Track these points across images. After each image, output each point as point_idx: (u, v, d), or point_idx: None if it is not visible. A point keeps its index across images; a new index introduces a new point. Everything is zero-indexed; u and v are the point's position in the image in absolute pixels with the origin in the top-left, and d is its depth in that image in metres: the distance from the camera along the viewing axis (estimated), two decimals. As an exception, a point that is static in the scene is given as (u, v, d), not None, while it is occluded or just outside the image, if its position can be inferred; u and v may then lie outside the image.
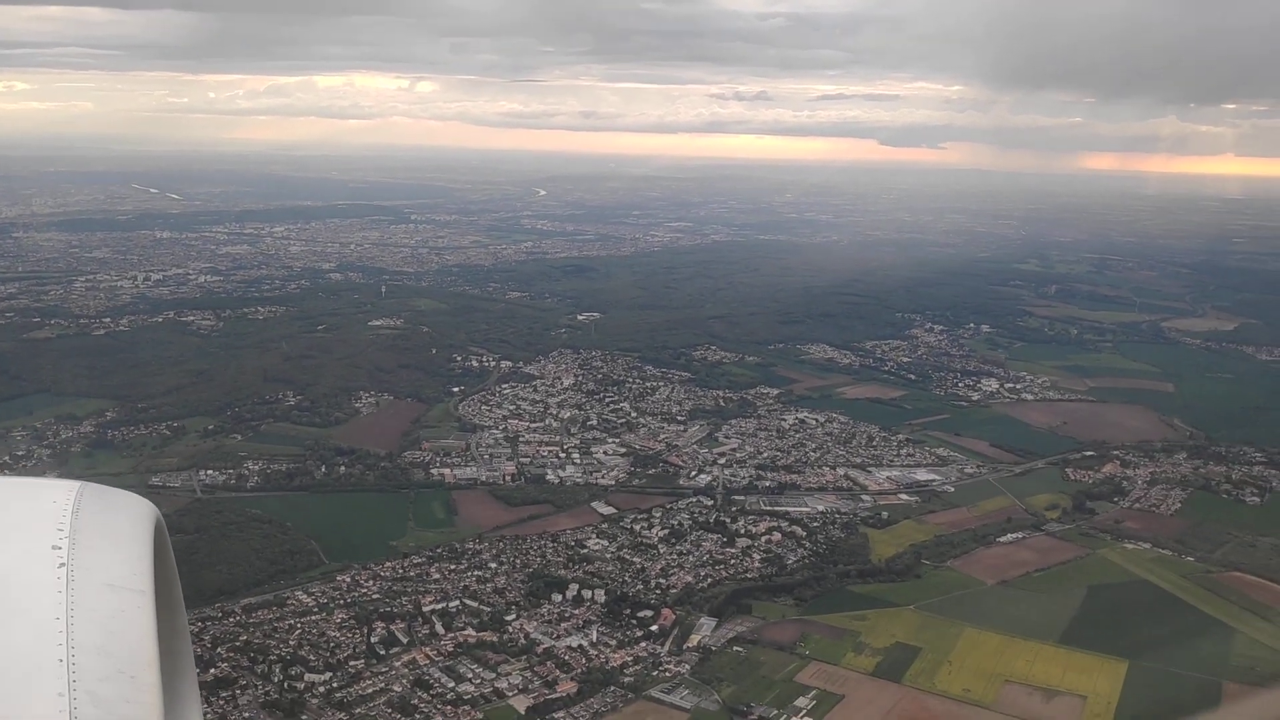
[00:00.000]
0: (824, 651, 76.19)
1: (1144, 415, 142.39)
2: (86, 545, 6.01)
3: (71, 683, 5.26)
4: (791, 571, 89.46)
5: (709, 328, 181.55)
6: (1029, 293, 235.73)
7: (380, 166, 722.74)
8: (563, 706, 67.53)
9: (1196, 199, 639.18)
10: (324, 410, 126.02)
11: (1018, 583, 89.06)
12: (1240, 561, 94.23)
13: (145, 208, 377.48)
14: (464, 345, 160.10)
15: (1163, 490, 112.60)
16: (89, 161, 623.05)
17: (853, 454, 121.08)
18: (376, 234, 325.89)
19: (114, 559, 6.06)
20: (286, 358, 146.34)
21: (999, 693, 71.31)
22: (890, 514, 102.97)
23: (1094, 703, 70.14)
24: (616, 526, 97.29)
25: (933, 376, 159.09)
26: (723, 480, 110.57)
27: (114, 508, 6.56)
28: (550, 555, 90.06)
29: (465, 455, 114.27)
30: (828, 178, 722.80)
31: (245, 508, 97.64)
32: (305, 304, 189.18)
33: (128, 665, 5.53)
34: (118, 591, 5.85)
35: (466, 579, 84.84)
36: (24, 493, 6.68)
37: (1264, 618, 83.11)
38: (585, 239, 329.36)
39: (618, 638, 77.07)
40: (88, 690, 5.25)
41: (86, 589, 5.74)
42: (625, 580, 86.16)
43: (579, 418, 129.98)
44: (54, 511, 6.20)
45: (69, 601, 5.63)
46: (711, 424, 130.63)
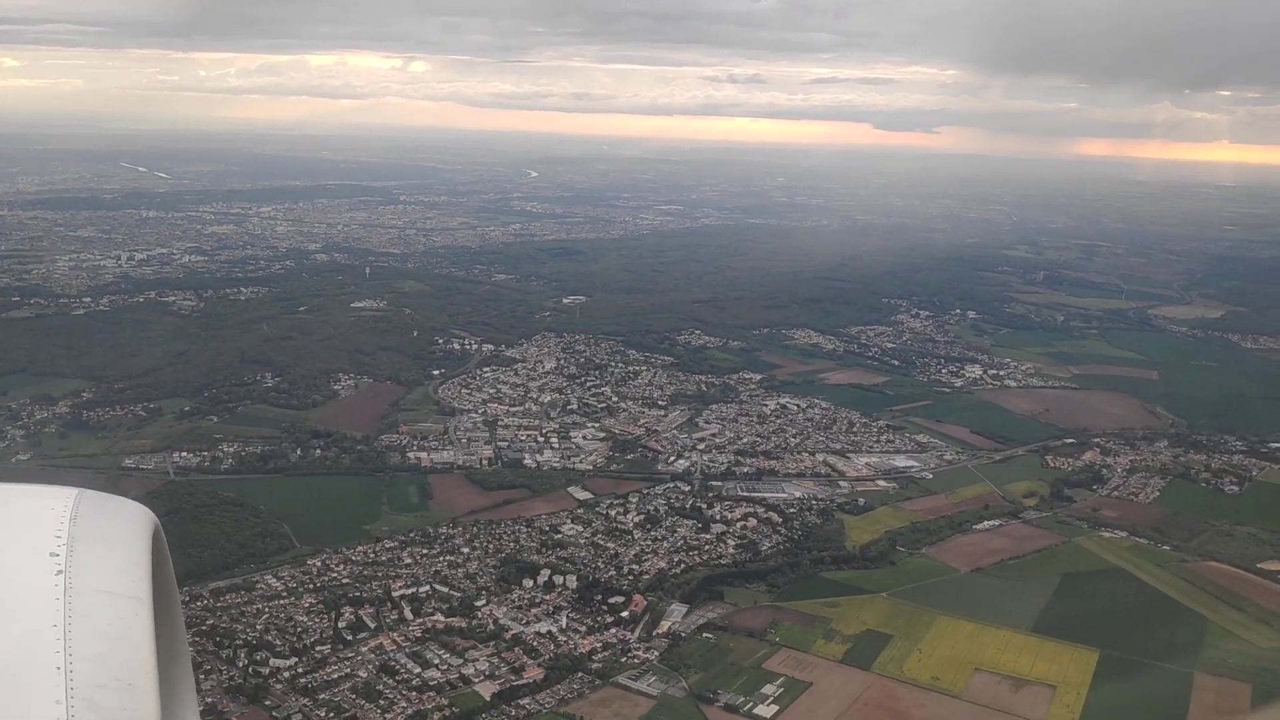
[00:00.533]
0: (794, 638, 75.87)
1: (1127, 403, 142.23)
2: (84, 552, 5.97)
3: (69, 690, 5.22)
4: (765, 558, 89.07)
5: (694, 312, 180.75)
6: (1016, 279, 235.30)
7: (372, 147, 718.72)
8: (529, 693, 67.11)
9: (1189, 186, 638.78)
10: (302, 392, 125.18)
11: (992, 570, 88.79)
12: (1216, 551, 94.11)
13: (132, 186, 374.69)
14: (446, 328, 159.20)
15: (1142, 478, 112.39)
16: (77, 139, 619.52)
17: (833, 440, 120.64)
18: (364, 215, 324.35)
19: (112, 566, 6.02)
20: (266, 339, 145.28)
21: (968, 681, 71.07)
22: (867, 501, 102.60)
23: (1063, 693, 69.91)
24: (592, 512, 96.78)
25: (916, 363, 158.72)
26: (701, 466, 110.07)
27: (112, 515, 6.51)
28: (524, 540, 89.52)
29: (443, 439, 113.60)
30: (820, 161, 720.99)
31: (218, 490, 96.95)
32: (288, 285, 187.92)
33: (125, 673, 5.48)
34: (115, 599, 5.82)
35: (438, 564, 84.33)
36: (21, 500, 6.59)
37: (1237, 608, 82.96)
38: (574, 221, 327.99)
39: (587, 624, 76.65)
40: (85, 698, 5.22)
41: (84, 596, 5.70)
42: (598, 566, 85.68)
43: (559, 402, 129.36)
44: (51, 519, 6.15)
45: (66, 609, 5.59)
46: (693, 409, 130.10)
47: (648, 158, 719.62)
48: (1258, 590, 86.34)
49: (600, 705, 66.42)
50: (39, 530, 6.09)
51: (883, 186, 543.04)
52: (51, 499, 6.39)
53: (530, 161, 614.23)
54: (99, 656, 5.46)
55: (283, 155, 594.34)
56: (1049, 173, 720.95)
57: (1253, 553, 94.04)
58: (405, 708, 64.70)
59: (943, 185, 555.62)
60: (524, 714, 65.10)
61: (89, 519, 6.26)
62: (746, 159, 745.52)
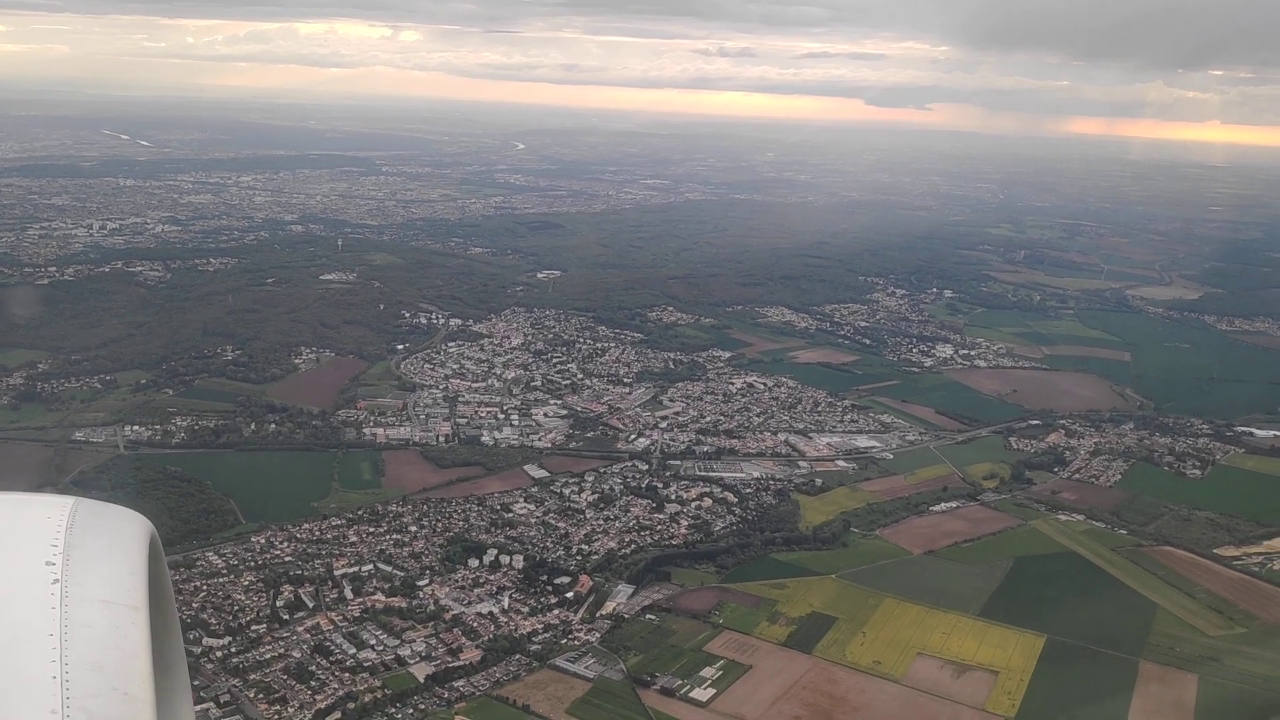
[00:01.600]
0: (738, 620, 75.22)
1: (1096, 384, 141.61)
2: (80, 561, 5.95)
3: (65, 700, 5.17)
4: (717, 538, 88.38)
5: (668, 288, 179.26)
6: (997, 258, 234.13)
7: (359, 116, 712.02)
8: (464, 675, 66.35)
9: (1179, 165, 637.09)
10: (261, 366, 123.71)
11: (944, 553, 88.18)
12: (1173, 535, 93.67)
13: (112, 154, 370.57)
14: (415, 302, 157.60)
15: (1104, 461, 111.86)
16: (61, 105, 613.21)
17: (796, 419, 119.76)
18: (345, 185, 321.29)
19: (108, 575, 5.99)
20: (229, 311, 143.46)
21: (910, 665, 70.51)
22: (825, 481, 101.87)
23: (1006, 678, 69.39)
24: (546, 490, 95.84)
25: (888, 341, 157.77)
26: (661, 445, 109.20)
27: (108, 523, 6.49)
28: (474, 519, 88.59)
29: (401, 415, 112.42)
30: (810, 137, 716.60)
31: (166, 465, 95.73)
32: (259, 256, 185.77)
33: (121, 682, 5.43)
34: (112, 608, 5.78)
35: (384, 542, 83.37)
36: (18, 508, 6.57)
37: (1189, 594, 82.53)
38: (557, 195, 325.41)
39: (531, 604, 75.88)
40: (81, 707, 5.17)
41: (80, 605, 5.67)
42: (547, 546, 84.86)
43: (523, 378, 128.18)
44: (48, 527, 6.12)
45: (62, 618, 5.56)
46: (658, 387, 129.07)
47: (637, 131, 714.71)
48: (1210, 576, 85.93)
49: (535, 688, 65.68)
50: (35, 539, 6.07)
51: (872, 163, 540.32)
52: (48, 507, 6.35)
53: (518, 133, 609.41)
54: (95, 665, 5.43)
55: (268, 124, 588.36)
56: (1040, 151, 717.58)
57: (1209, 538, 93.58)
58: (336, 689, 63.88)
59: (932, 162, 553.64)
60: (457, 696, 64.33)
61: (85, 528, 6.22)
62: (737, 133, 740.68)
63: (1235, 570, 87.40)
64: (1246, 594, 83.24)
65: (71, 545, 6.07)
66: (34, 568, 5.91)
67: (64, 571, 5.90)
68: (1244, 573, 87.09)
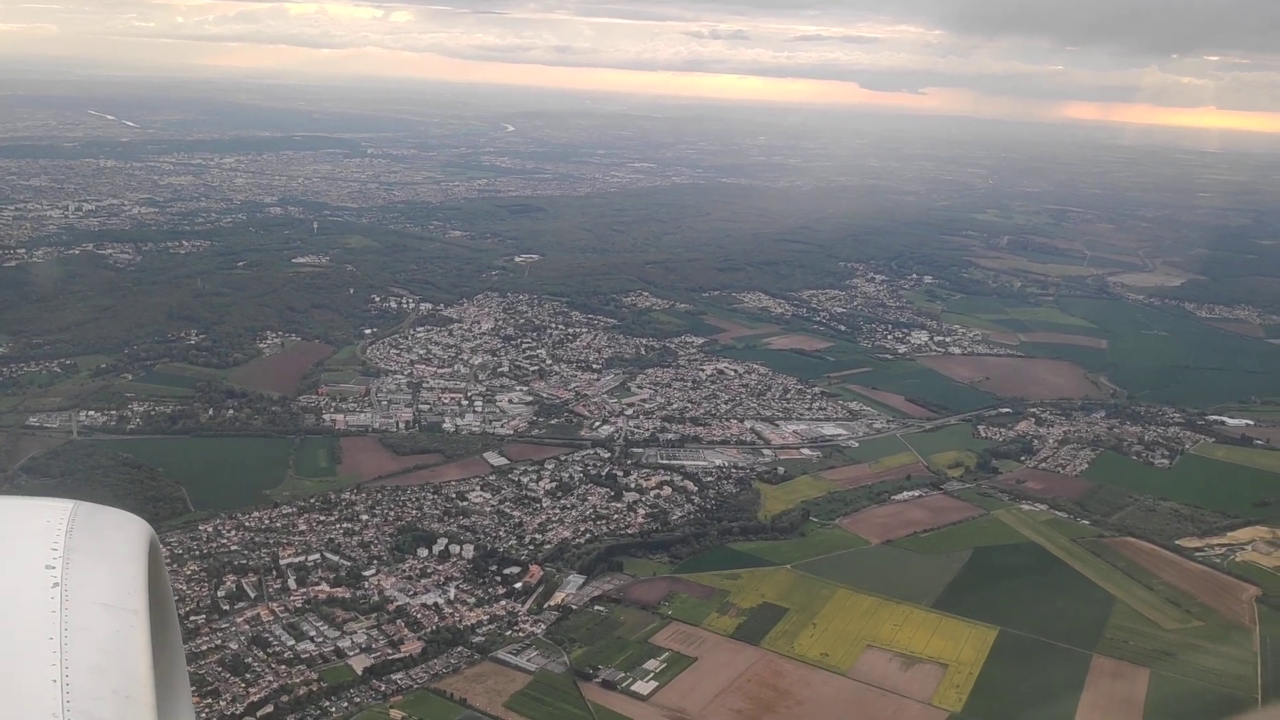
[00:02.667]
0: (688, 612, 74.25)
1: (1070, 372, 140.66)
2: (80, 565, 5.94)
3: (66, 703, 5.16)
4: (673, 528, 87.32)
5: (645, 273, 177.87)
6: (980, 244, 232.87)
7: (350, 98, 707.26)
8: (402, 668, 65.32)
9: (1172, 151, 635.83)
10: (224, 350, 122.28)
11: (903, 543, 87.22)
12: (1136, 526, 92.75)
13: (96, 135, 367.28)
14: (386, 286, 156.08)
15: (1072, 450, 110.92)
16: (48, 85, 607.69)
17: (764, 407, 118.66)
18: (328, 167, 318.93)
19: (108, 578, 5.98)
20: (197, 294, 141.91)
21: (858, 658, 69.61)
22: (787, 469, 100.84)
23: (954, 672, 68.51)
24: (504, 478, 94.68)
25: (863, 328, 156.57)
26: (625, 432, 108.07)
27: (108, 527, 6.47)
28: (427, 508, 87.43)
29: (363, 401, 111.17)
30: (803, 120, 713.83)
31: (119, 451, 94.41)
32: (233, 239, 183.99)
33: (122, 685, 5.42)
34: (112, 611, 5.78)
35: (334, 531, 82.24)
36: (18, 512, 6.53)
37: (1147, 586, 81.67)
38: (543, 178, 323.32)
39: (478, 595, 74.81)
40: (82, 710, 5.17)
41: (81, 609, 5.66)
42: (499, 535, 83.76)
43: (490, 364, 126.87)
44: (48, 531, 6.10)
45: (63, 621, 5.54)
46: (628, 373, 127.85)
47: (629, 114, 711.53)
48: (1171, 569, 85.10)
49: (475, 681, 64.69)
50: (35, 543, 6.04)
51: (863, 147, 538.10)
52: (48, 511, 6.33)
53: (509, 115, 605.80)
54: (96, 669, 5.41)
55: (257, 105, 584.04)
56: (1033, 136, 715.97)
57: (1172, 529, 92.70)
58: (271, 681, 62.84)
59: (924, 147, 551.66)
60: (394, 689, 63.33)
61: (85, 531, 6.20)
62: (729, 116, 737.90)
63: (1196, 562, 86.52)
64: (1206, 587, 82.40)
65: (71, 549, 6.05)
66: (34, 571, 5.88)
67: (64, 575, 5.87)
68: (1205, 565, 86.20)
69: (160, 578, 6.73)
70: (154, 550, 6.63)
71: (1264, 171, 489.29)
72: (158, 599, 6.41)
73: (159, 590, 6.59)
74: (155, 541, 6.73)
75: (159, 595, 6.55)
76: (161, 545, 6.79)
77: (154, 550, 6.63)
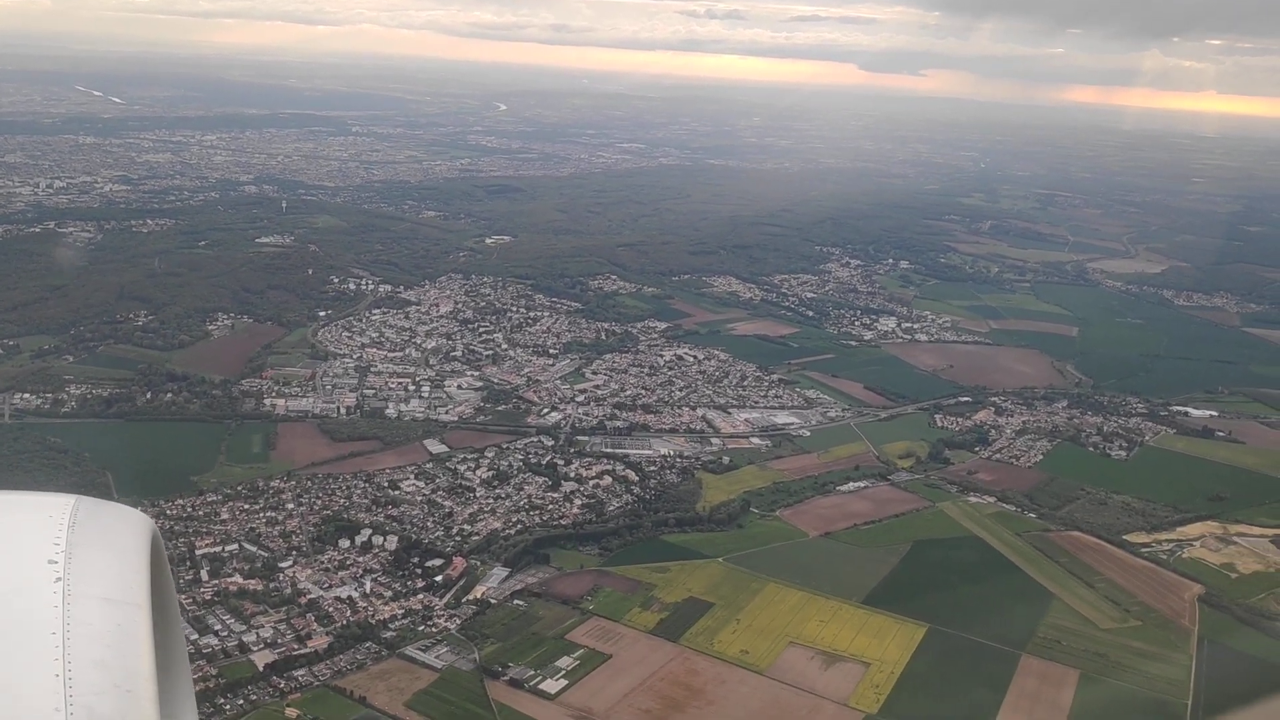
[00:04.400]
0: (610, 607, 72.42)
1: (1037, 360, 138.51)
2: (83, 559, 5.90)
3: (68, 698, 5.17)
4: (608, 519, 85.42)
5: (616, 256, 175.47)
6: (961, 228, 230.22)
7: (343, 75, 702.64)
8: (306, 664, 63.52)
9: (1169, 136, 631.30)
10: (171, 332, 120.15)
11: (842, 536, 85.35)
12: (1084, 520, 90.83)
13: (79, 111, 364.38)
14: (348, 267, 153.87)
15: (1029, 440, 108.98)
16: (38, 61, 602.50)
17: (720, 394, 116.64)
18: (311, 145, 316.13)
19: (110, 573, 5.95)
20: (151, 274, 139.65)
21: (779, 656, 67.82)
22: (733, 459, 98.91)
23: (875, 672, 66.70)
24: (441, 466, 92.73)
25: (831, 314, 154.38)
26: (573, 419, 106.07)
27: (110, 521, 6.41)
28: (357, 497, 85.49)
29: (307, 385, 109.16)
30: (799, 101, 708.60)
31: (48, 435, 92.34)
32: (199, 217, 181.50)
33: (124, 679, 5.42)
34: (114, 605, 5.75)
35: (256, 520, 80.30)
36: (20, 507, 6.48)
37: (1087, 583, 79.83)
38: (527, 158, 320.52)
39: (395, 588, 72.96)
40: (85, 704, 5.17)
41: (83, 603, 5.64)
42: (427, 526, 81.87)
43: (444, 348, 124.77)
44: (50, 526, 6.07)
45: (65, 616, 5.54)
46: (585, 358, 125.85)
47: (626, 93, 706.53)
48: (1114, 565, 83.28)
49: (379, 678, 62.93)
50: (37, 537, 5.99)
51: (859, 129, 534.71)
52: (50, 506, 6.29)
53: (503, 94, 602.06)
54: (98, 663, 5.39)
55: (248, 82, 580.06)
56: (1031, 119, 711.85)
57: (1121, 523, 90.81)
58: (167, 677, 60.96)
59: (920, 129, 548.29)
60: (294, 686, 61.55)
61: (87, 526, 6.15)
62: (726, 97, 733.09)
63: (1142, 559, 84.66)
64: (1149, 584, 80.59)
65: (73, 543, 6.00)
66: (36, 566, 5.82)
67: (66, 570, 5.81)
68: (1151, 561, 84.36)
69: (162, 572, 6.69)
70: (156, 545, 6.59)
71: (1261, 157, 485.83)
72: (159, 593, 6.35)
73: (161, 585, 6.54)
74: (157, 536, 6.68)
75: (161, 590, 6.50)
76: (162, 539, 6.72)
77: (156, 545, 6.59)
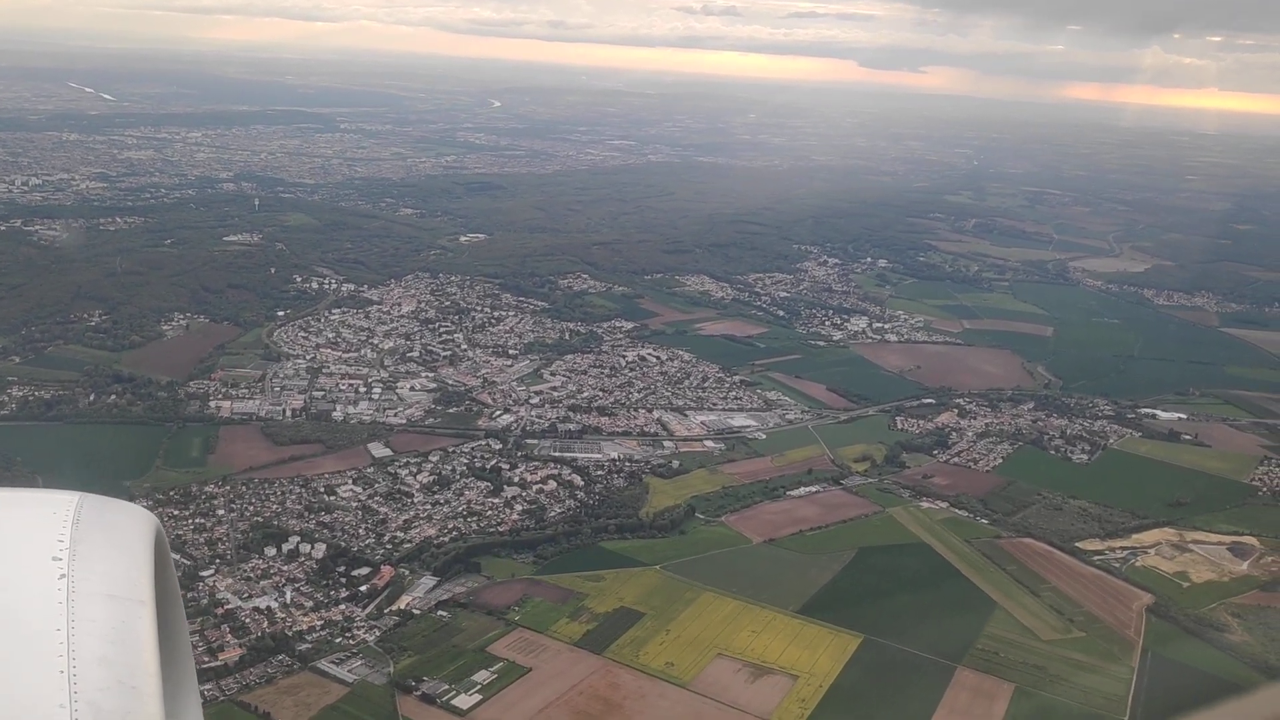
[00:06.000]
0: (536, 617, 70.60)
1: (1008, 361, 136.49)
2: (87, 556, 5.84)
3: (73, 695, 5.17)
4: (547, 525, 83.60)
5: (589, 255, 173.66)
6: (945, 226, 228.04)
7: (340, 72, 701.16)
8: (214, 677, 61.83)
9: (1168, 133, 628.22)
10: (123, 333, 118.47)
11: (785, 542, 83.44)
12: (1037, 526, 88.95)
13: (68, 108, 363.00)
14: (312, 265, 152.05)
15: (990, 443, 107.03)
16: (34, 57, 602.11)
17: (678, 395, 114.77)
18: (297, 142, 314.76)
19: (114, 570, 5.90)
20: (110, 274, 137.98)
21: (705, 668, 65.97)
22: (684, 463, 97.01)
23: (803, 685, 64.86)
24: (382, 471, 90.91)
25: (803, 313, 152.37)
26: (525, 422, 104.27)
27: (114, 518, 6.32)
28: (290, 503, 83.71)
29: (256, 387, 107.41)
30: (796, 98, 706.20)
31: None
32: (169, 215, 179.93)
33: (129, 676, 5.41)
34: (118, 602, 5.74)
35: (184, 527, 78.49)
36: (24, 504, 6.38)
37: (1033, 592, 77.97)
38: (514, 155, 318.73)
39: (317, 598, 71.20)
40: (89, 701, 5.18)
41: (87, 600, 5.62)
42: (358, 533, 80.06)
43: (401, 348, 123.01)
44: (54, 523, 6.00)
45: (69, 613, 5.52)
46: (546, 359, 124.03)
47: (622, 90, 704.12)
48: (1063, 573, 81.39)
49: (287, 693, 61.20)
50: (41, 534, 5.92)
51: (855, 126, 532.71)
52: (54, 503, 6.18)
53: (499, 91, 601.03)
54: (102, 660, 5.38)
55: (244, 79, 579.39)
56: (1031, 116, 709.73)
57: (1075, 529, 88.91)
58: (67, 691, 59.32)
59: (917, 127, 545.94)
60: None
61: (91, 523, 6.08)
62: (723, 94, 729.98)
63: (1093, 566, 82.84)
64: (1096, 593, 78.73)
65: (78, 540, 5.86)
66: (40, 563, 5.71)
67: (70, 567, 5.71)
68: (1102, 569, 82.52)
69: (166, 569, 6.55)
70: (159, 541, 6.45)
71: (1258, 155, 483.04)
72: (163, 590, 6.20)
73: (165, 582, 6.40)
74: (161, 533, 6.55)
75: (165, 587, 6.36)
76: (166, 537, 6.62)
77: (159, 541, 6.45)
